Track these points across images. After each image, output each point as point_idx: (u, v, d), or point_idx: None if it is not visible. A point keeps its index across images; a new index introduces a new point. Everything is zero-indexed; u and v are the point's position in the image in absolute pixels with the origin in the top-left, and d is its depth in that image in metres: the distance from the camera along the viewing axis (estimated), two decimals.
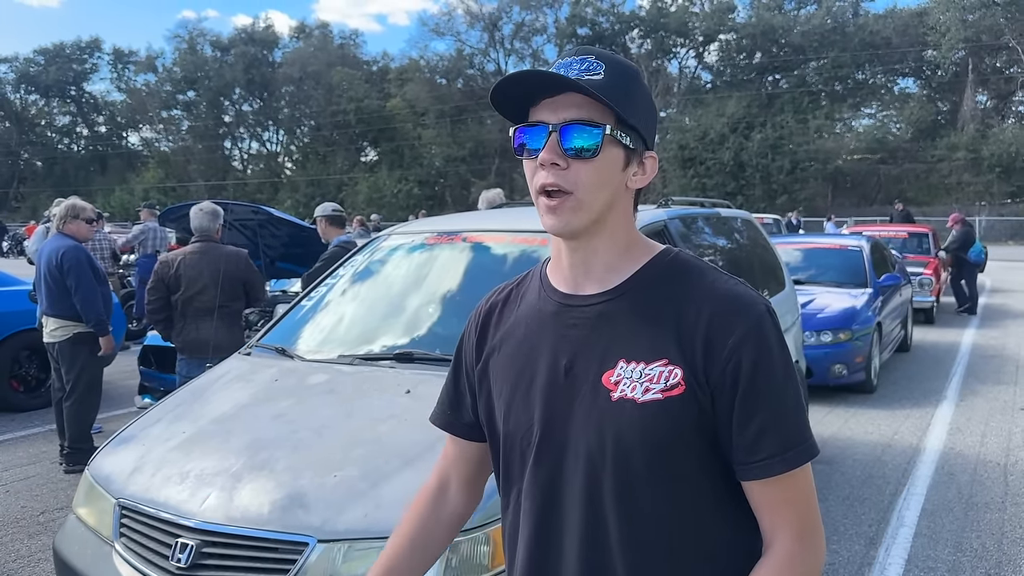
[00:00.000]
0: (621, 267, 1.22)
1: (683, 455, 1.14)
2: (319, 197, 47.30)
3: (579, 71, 1.16)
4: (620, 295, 1.20)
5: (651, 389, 1.13)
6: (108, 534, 2.57)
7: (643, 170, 1.22)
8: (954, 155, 41.91)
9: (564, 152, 1.14)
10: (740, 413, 1.13)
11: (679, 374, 1.12)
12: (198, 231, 5.23)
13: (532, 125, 1.18)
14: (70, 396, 5.53)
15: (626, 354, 1.16)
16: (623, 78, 1.18)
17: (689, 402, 1.12)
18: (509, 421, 1.26)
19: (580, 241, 1.20)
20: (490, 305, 1.39)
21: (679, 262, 1.23)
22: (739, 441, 1.13)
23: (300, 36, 65.17)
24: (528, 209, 4.95)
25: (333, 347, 3.36)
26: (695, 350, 1.13)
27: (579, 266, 1.23)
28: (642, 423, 1.12)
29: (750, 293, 1.18)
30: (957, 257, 13.43)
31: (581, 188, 1.14)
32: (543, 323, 1.26)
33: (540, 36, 56.63)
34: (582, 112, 1.14)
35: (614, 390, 1.15)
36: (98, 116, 71.01)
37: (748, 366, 1.12)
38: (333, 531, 2.22)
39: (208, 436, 2.76)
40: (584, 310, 1.21)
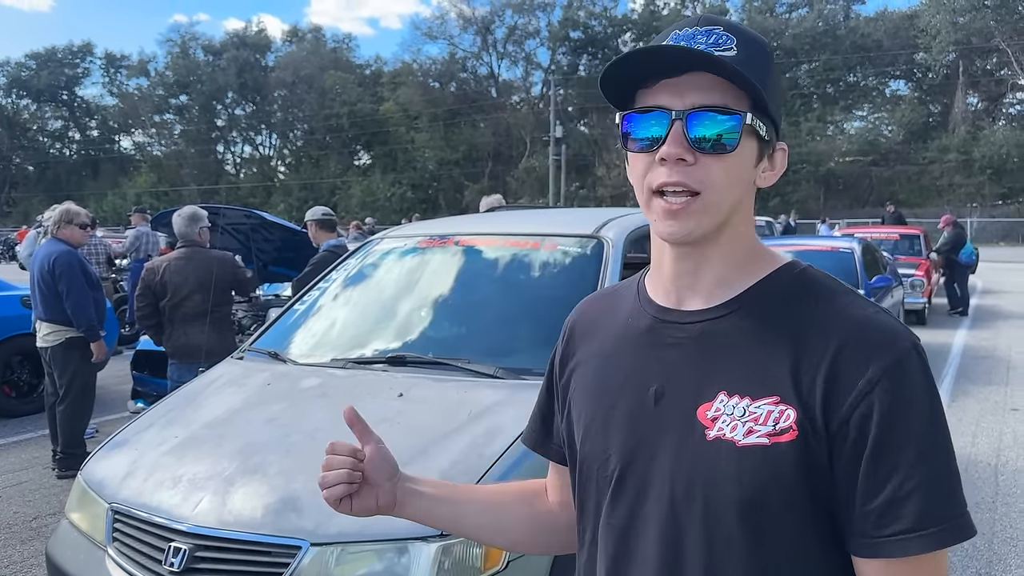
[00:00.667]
0: (735, 280, 1.03)
1: (785, 514, 0.93)
2: (312, 201, 47.26)
3: (707, 46, 0.96)
4: (728, 313, 1.01)
5: (755, 431, 0.94)
6: (101, 539, 2.57)
7: (773, 165, 1.05)
8: (945, 157, 42.11)
9: (692, 144, 0.95)
10: (868, 474, 0.90)
11: (792, 416, 0.92)
12: (181, 237, 5.25)
13: (647, 111, 0.97)
14: (63, 401, 5.52)
15: (728, 386, 0.97)
16: (759, 55, 0.99)
17: (800, 451, 0.92)
18: (585, 447, 1.10)
19: (694, 248, 1.01)
20: (580, 314, 1.24)
21: (806, 279, 1.03)
22: (864, 509, 0.91)
23: (293, 40, 65.17)
24: (521, 212, 4.97)
25: (326, 351, 3.37)
26: (814, 389, 0.92)
27: (685, 276, 1.04)
28: (739, 470, 0.93)
29: (892, 323, 0.96)
30: (948, 259, 13.50)
31: (711, 188, 0.96)
32: (634, 340, 1.09)
33: (533, 40, 56.77)
34: (715, 96, 0.95)
35: (710, 427, 0.96)
36: (90, 120, 70.82)
37: (882, 415, 0.90)
38: (326, 534, 2.22)
39: (201, 440, 2.77)
40: (683, 328, 1.03)
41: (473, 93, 56.98)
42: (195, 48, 64.65)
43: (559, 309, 3.32)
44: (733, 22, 1.01)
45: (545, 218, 4.09)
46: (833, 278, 1.05)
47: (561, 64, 54.97)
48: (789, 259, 1.07)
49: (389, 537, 2.21)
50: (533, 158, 51.11)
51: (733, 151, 0.95)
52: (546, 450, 1.28)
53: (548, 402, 1.28)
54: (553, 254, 3.43)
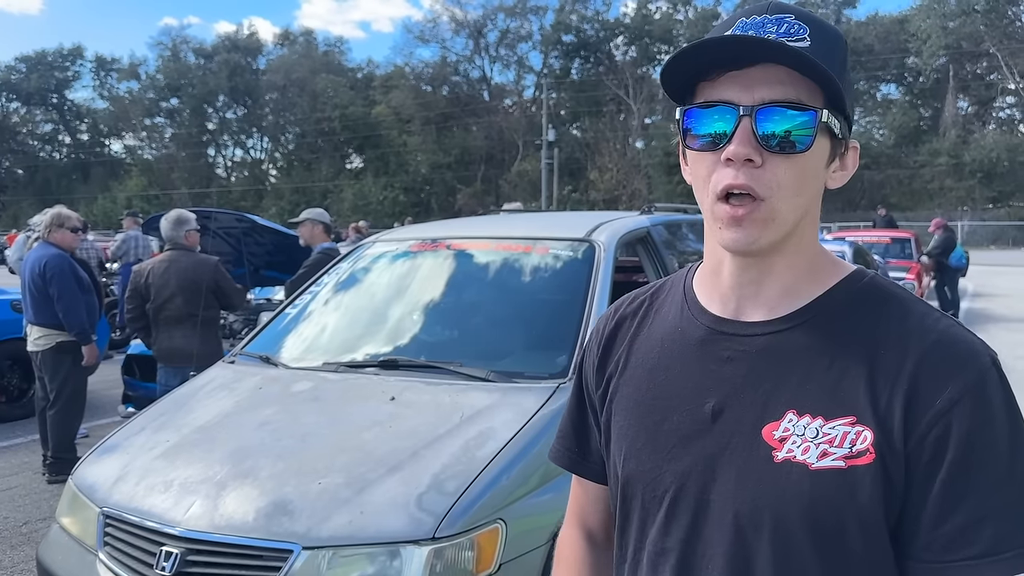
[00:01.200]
0: (801, 290, 0.96)
1: (862, 540, 0.88)
2: (303, 204, 47.12)
3: (778, 35, 0.89)
4: (796, 325, 0.94)
5: (830, 453, 0.87)
6: (92, 543, 2.56)
7: (844, 165, 0.97)
8: (936, 161, 42.31)
9: (761, 144, 0.87)
10: (941, 496, 0.86)
11: (869, 438, 0.87)
12: (167, 240, 5.25)
13: (711, 105, 0.90)
14: (54, 405, 5.50)
15: (798, 404, 0.91)
16: (835, 46, 0.91)
17: (878, 475, 0.86)
18: (630, 464, 1.02)
19: (759, 257, 0.94)
20: (618, 318, 1.13)
21: (876, 289, 0.96)
22: (934, 533, 0.86)
23: (284, 43, 65.09)
24: (513, 216, 4.98)
25: (318, 355, 3.37)
26: (893, 408, 0.87)
27: (748, 286, 0.97)
28: (812, 495, 0.87)
29: (970, 339, 0.91)
30: (939, 262, 13.56)
31: (779, 193, 0.88)
32: (686, 350, 1.01)
33: (525, 43, 56.81)
34: (787, 91, 0.87)
35: (778, 448, 0.90)
36: (80, 124, 70.58)
37: (960, 435, 0.85)
38: (318, 538, 2.22)
39: (192, 444, 2.76)
40: (744, 341, 0.96)
41: (465, 96, 56.98)
42: (186, 51, 64.52)
43: (551, 313, 3.34)
44: (805, 10, 0.93)
45: (537, 222, 4.11)
46: (901, 287, 0.99)
47: (553, 68, 55.08)
48: (855, 267, 1.01)
49: (381, 540, 2.21)
50: (525, 162, 51.15)
51: (806, 151, 0.88)
52: (584, 469, 1.18)
53: (581, 415, 1.18)
54: (544, 258, 3.44)
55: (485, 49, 57.53)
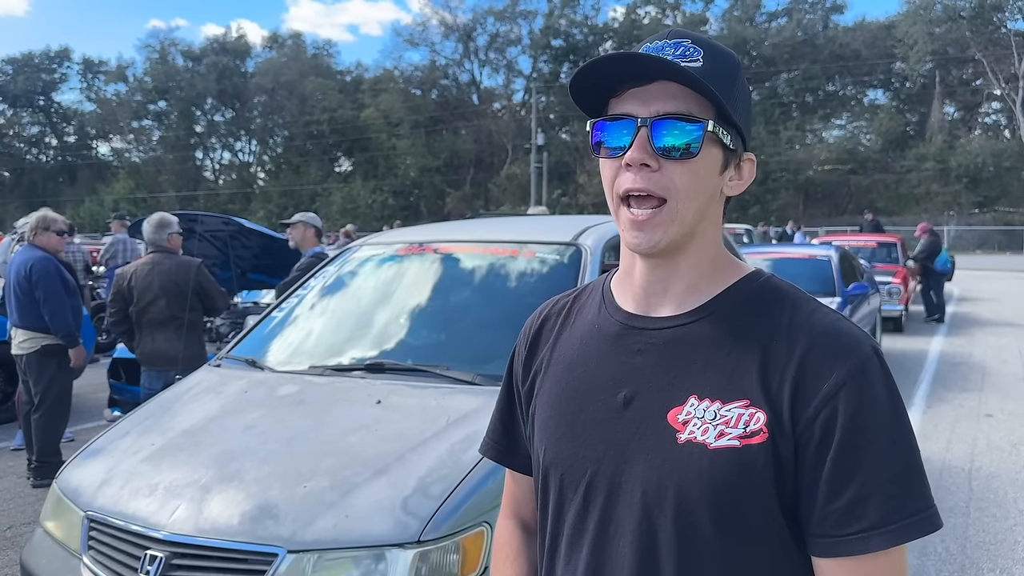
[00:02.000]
0: (703, 287, 1.06)
1: (756, 515, 0.96)
2: (292, 208, 47.11)
3: (674, 56, 0.99)
4: (699, 319, 1.04)
5: (727, 434, 0.96)
6: (76, 547, 2.55)
7: (740, 174, 1.07)
8: (923, 166, 42.59)
9: (656, 151, 0.98)
10: (832, 475, 0.94)
11: (762, 419, 0.95)
12: (150, 243, 5.25)
13: (616, 118, 1.01)
14: (38, 409, 5.47)
15: (699, 390, 0.99)
16: (726, 66, 1.02)
17: (770, 453, 0.95)
18: (550, 452, 1.10)
19: (664, 258, 1.04)
20: (543, 318, 1.23)
21: (771, 288, 1.06)
22: (827, 509, 0.94)
23: (273, 46, 64.91)
24: (502, 220, 4.99)
25: (304, 358, 3.36)
26: (782, 392, 0.96)
27: (656, 284, 1.06)
28: (711, 472, 0.95)
29: (854, 331, 1.00)
30: (925, 266, 13.65)
31: (675, 194, 0.98)
32: (602, 345, 1.10)
33: (515, 47, 56.89)
34: (679, 104, 0.98)
35: (681, 431, 0.98)
36: (67, 126, 70.16)
37: (846, 418, 0.93)
38: (303, 541, 2.22)
39: (177, 448, 2.75)
40: (653, 334, 1.05)
41: (455, 100, 56.99)
42: (174, 54, 64.23)
43: None
44: (702, 36, 1.04)
45: (524, 226, 4.11)
46: (796, 287, 1.09)
47: (543, 72, 55.12)
48: (753, 268, 1.11)
49: (366, 544, 2.21)
50: (515, 165, 51.16)
51: (696, 157, 0.98)
52: (512, 461, 1.28)
53: (510, 410, 1.27)
54: (531, 262, 3.45)
55: (474, 53, 57.59)
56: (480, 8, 55.78)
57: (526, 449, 1.23)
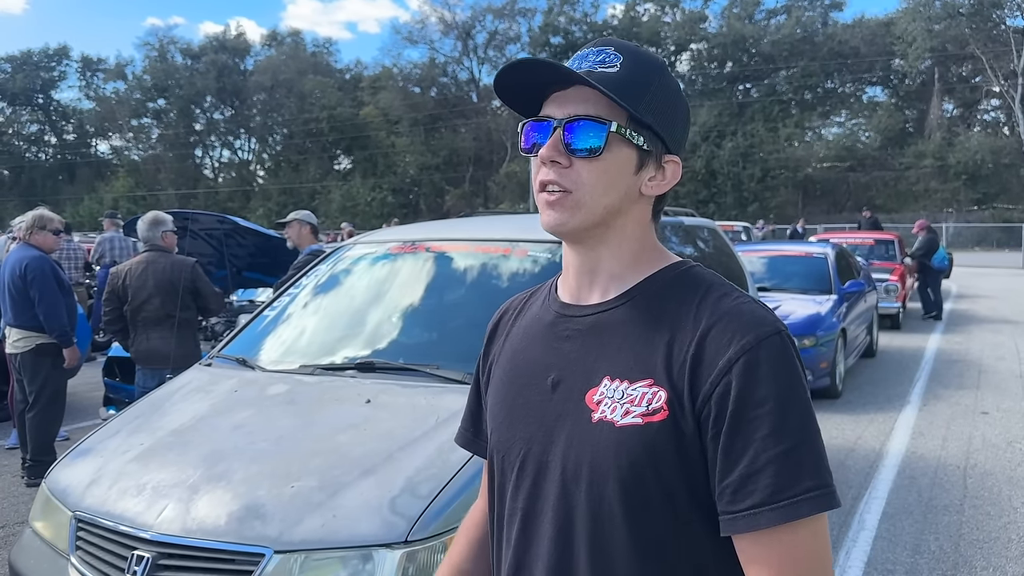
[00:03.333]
0: (626, 277, 1.11)
1: (661, 490, 0.99)
2: (291, 206, 47.08)
3: (593, 63, 1.07)
4: (617, 306, 1.09)
5: (631, 412, 1.00)
6: (64, 547, 2.54)
7: (662, 175, 1.11)
8: (921, 163, 42.62)
9: (566, 149, 1.05)
10: (726, 450, 0.96)
11: (663, 397, 0.99)
12: (144, 241, 5.25)
13: (539, 120, 1.10)
14: (33, 408, 5.46)
15: (612, 371, 1.05)
16: (642, 71, 1.07)
17: (671, 431, 0.98)
18: (494, 436, 1.18)
19: (584, 247, 1.11)
20: (501, 314, 1.32)
21: (688, 276, 1.10)
22: (724, 485, 0.96)
23: (272, 44, 64.87)
24: (495, 218, 4.98)
25: (295, 357, 3.36)
26: (683, 371, 0.99)
27: (584, 275, 1.13)
28: (617, 449, 1.00)
29: (760, 311, 1.02)
30: (922, 263, 13.65)
31: (581, 188, 1.05)
32: (538, 333, 1.17)
33: (514, 45, 56.85)
34: (589, 107, 1.05)
35: (595, 410, 1.04)
36: (66, 124, 70.13)
37: (738, 392, 0.95)
38: (290, 542, 2.21)
39: (166, 448, 2.74)
40: (578, 321, 1.11)
41: (454, 98, 57.00)
42: (173, 52, 64.24)
43: None
44: (627, 43, 1.10)
45: (516, 224, 4.10)
46: (717, 275, 1.12)
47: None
48: (678, 259, 1.15)
49: (353, 544, 2.20)
50: (514, 163, 51.15)
51: (600, 156, 1.04)
52: (475, 447, 1.36)
53: (476, 400, 1.35)
54: (523, 260, 3.44)
55: (473, 50, 57.59)
56: (479, 6, 55.75)
57: (487, 436, 1.29)
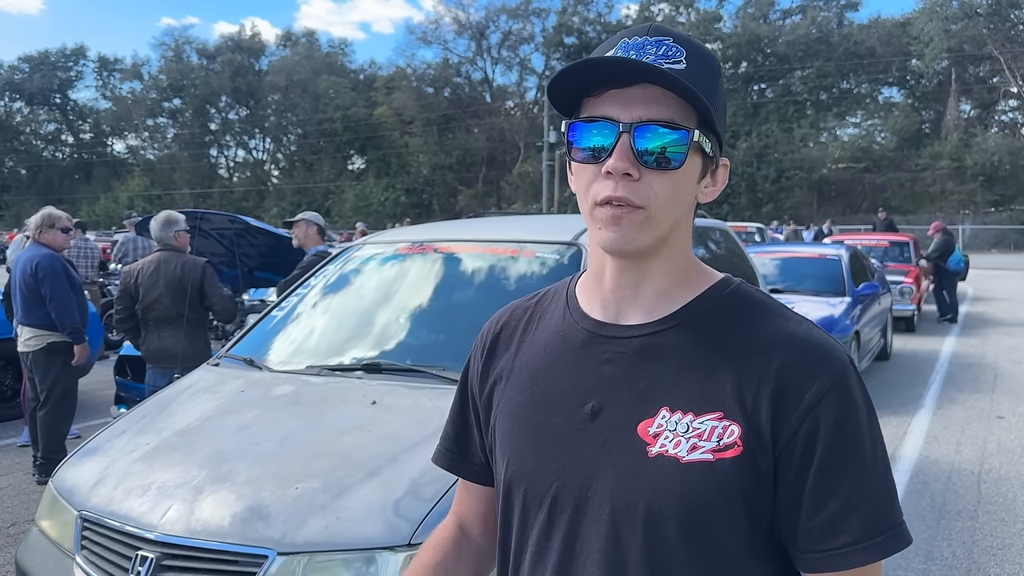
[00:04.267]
0: (674, 295, 1.01)
1: (728, 531, 0.92)
2: (305, 205, 47.35)
3: (656, 57, 0.94)
4: (670, 328, 0.99)
5: (699, 447, 0.92)
6: (70, 547, 2.54)
7: (714, 180, 1.02)
8: (938, 164, 42.29)
9: (638, 159, 0.92)
10: (815, 488, 0.91)
11: (736, 432, 0.91)
12: (157, 241, 5.26)
13: (593, 120, 0.95)
14: (44, 406, 5.49)
15: (671, 401, 0.95)
16: (708, 68, 0.97)
17: (745, 467, 0.91)
18: (513, 466, 1.05)
19: (635, 261, 0.99)
20: (501, 325, 1.18)
21: (742, 295, 1.03)
22: (810, 523, 0.91)
23: (287, 44, 65.15)
24: (504, 219, 4.97)
25: (302, 358, 3.35)
26: (760, 404, 0.92)
27: (626, 288, 1.01)
28: (683, 487, 0.91)
29: (829, 340, 0.97)
30: (937, 265, 13.53)
31: (655, 204, 0.93)
32: (567, 353, 1.04)
33: (527, 45, 56.89)
34: (661, 110, 0.92)
35: (652, 444, 0.94)
36: (83, 124, 70.71)
37: (828, 429, 0.90)
38: (293, 544, 2.20)
39: (171, 448, 2.74)
40: (622, 343, 1.00)
41: (467, 98, 57.07)
42: (189, 52, 64.67)
43: None
44: (683, 34, 0.99)
45: (524, 225, 4.09)
46: (767, 294, 1.07)
47: (555, 69, 54.92)
48: (723, 275, 1.07)
49: (356, 546, 2.19)
50: (527, 163, 51.18)
51: (680, 168, 0.93)
52: (464, 470, 1.23)
53: (463, 418, 1.22)
54: (531, 262, 3.42)
55: (487, 51, 57.63)
56: (493, 6, 55.78)
57: (479, 458, 1.20)
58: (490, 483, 1.18)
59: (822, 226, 25.46)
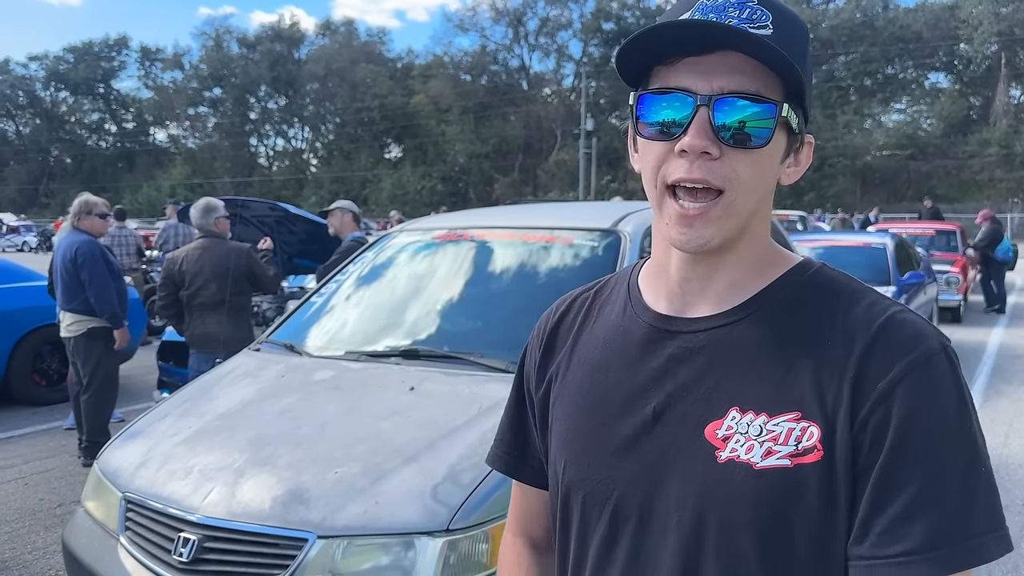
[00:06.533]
0: (747, 284, 0.91)
1: (809, 541, 0.82)
2: (343, 194, 47.66)
3: (739, 20, 0.83)
4: (738, 320, 0.90)
5: (775, 452, 0.82)
6: (114, 528, 2.58)
7: (797, 160, 0.92)
8: (986, 151, 41.34)
9: (718, 136, 0.82)
10: (878, 485, 0.80)
11: (816, 434, 0.82)
12: (198, 228, 5.34)
13: (666, 91, 0.84)
14: (87, 390, 5.60)
15: (741, 401, 0.86)
16: (797, 34, 0.86)
17: (826, 472, 0.81)
18: (571, 470, 0.97)
19: (709, 252, 0.89)
20: (559, 316, 1.09)
21: (823, 278, 0.92)
22: (869, 525, 0.80)
23: (325, 33, 65.56)
24: (540, 206, 4.94)
25: (341, 344, 3.37)
26: (840, 400, 0.82)
27: (696, 280, 0.92)
28: (757, 496, 0.82)
29: (920, 323, 0.85)
30: (985, 255, 13.24)
31: (736, 187, 0.84)
32: (628, 349, 0.96)
33: (565, 31, 56.60)
34: (745, 81, 0.82)
35: (721, 448, 0.85)
36: (126, 113, 71.89)
37: (901, 419, 0.79)
38: (332, 527, 2.21)
39: (213, 431, 2.77)
40: (687, 338, 0.91)
41: (504, 86, 56.97)
42: (229, 41, 65.37)
43: None
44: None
45: (562, 212, 4.06)
46: (850, 276, 0.94)
47: (593, 56, 54.77)
48: (802, 258, 0.96)
49: (395, 531, 2.20)
50: (564, 151, 50.99)
51: (764, 146, 0.84)
52: (522, 474, 1.13)
53: (521, 417, 1.13)
54: (568, 248, 3.39)
55: (524, 38, 57.45)
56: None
57: (538, 460, 1.10)
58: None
59: (868, 214, 25.02)
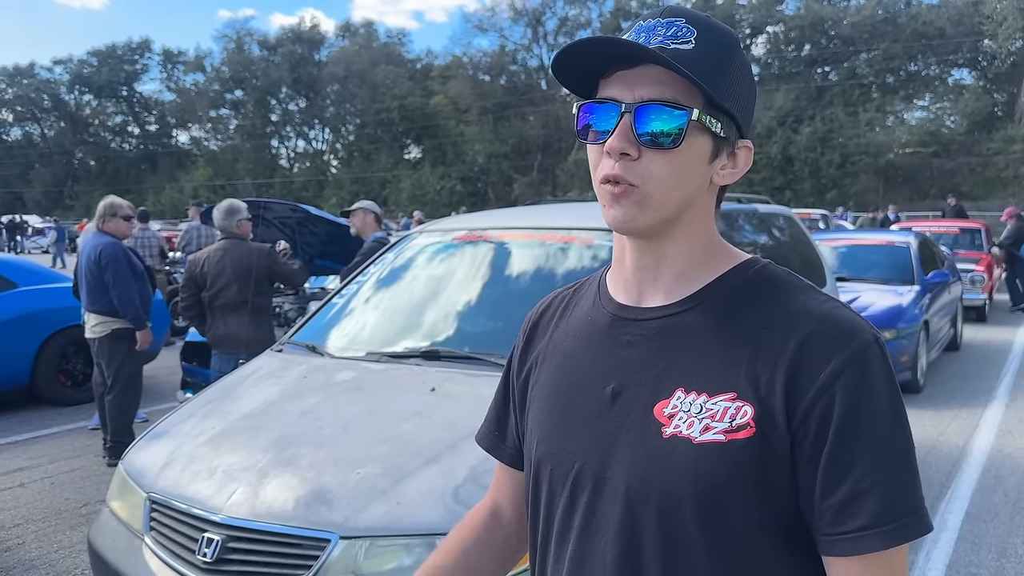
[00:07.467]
0: (694, 276, 1.01)
1: (742, 513, 0.91)
2: (363, 195, 47.83)
3: (664, 38, 0.95)
4: (688, 309, 1.00)
5: (711, 428, 0.92)
6: (139, 527, 2.61)
7: (734, 163, 1.02)
8: (1011, 148, 40.74)
9: (637, 139, 0.93)
10: (828, 468, 0.89)
11: (749, 413, 0.91)
12: (220, 230, 5.37)
13: (600, 102, 0.97)
14: (111, 391, 5.66)
15: (686, 382, 0.95)
16: (719, 48, 0.96)
17: (758, 448, 0.90)
18: (541, 448, 1.07)
19: (650, 242, 1.00)
20: (541, 312, 1.21)
21: (767, 275, 1.02)
22: (824, 505, 0.90)
23: (345, 35, 65.83)
24: (559, 206, 4.93)
25: (362, 345, 3.38)
26: (774, 384, 0.91)
27: (646, 271, 1.03)
28: (695, 468, 0.91)
29: (854, 317, 0.95)
30: (1010, 253, 13.07)
31: (651, 183, 0.94)
32: (593, 337, 1.07)
33: (584, 31, 56.40)
34: (664, 90, 0.93)
35: (667, 425, 0.94)
36: (149, 115, 72.55)
37: (844, 407, 0.88)
38: (355, 528, 2.22)
39: (237, 432, 2.79)
40: (642, 325, 1.01)
41: (523, 86, 56.91)
42: (250, 43, 65.78)
43: None
44: (699, 14, 0.99)
45: (579, 212, 4.05)
46: (793, 274, 1.03)
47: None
48: (746, 255, 1.06)
49: (417, 532, 2.20)
50: (582, 151, 50.55)
51: (676, 148, 0.94)
52: (499, 452, 1.26)
53: (504, 401, 1.26)
54: (588, 249, 3.39)
55: (543, 37, 57.36)
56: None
57: (514, 442, 1.23)
58: (523, 467, 1.19)
59: (887, 212, 24.76)
